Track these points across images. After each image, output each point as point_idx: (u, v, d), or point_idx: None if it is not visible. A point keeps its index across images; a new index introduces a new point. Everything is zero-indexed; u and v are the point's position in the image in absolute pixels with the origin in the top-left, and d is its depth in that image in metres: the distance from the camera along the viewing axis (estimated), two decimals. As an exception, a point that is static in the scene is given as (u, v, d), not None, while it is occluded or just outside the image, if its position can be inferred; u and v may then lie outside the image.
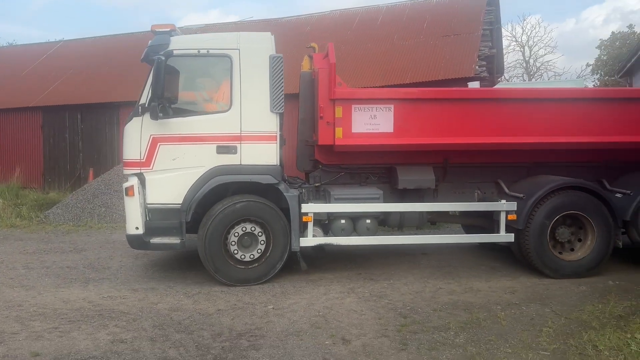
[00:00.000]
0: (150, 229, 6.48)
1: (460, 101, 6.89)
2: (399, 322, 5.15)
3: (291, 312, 5.51)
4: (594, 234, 6.69)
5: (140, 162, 6.47)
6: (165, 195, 6.51)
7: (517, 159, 7.24)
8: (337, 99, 6.55)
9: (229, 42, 6.60)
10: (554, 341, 4.56)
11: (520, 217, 6.66)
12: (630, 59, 19.27)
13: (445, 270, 7.18)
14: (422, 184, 6.97)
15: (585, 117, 6.78)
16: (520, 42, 37.32)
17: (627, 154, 7.18)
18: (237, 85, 6.49)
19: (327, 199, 6.93)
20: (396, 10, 17.40)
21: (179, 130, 6.47)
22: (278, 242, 6.53)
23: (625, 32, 30.48)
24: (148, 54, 6.53)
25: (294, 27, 18.05)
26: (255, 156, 6.55)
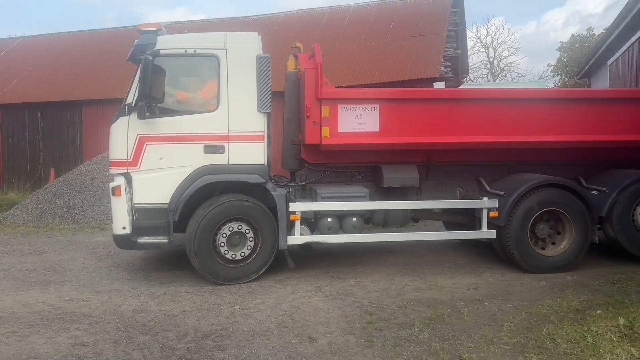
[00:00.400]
0: (138, 229, 6.47)
1: (442, 101, 7.06)
2: (365, 319, 5.19)
3: (258, 311, 5.49)
4: (572, 230, 6.89)
5: (127, 162, 6.45)
6: (152, 195, 6.48)
7: (497, 157, 7.41)
8: (323, 98, 6.61)
9: (216, 42, 6.61)
10: (515, 335, 4.68)
11: (501, 214, 6.83)
12: (589, 61, 19.88)
13: (411, 267, 7.28)
14: (407, 182, 7.10)
15: (563, 117, 7.01)
16: (485, 43, 38.13)
17: (602, 152, 7.43)
18: (225, 84, 6.51)
19: (314, 197, 7.01)
20: (363, 11, 17.55)
21: (166, 129, 6.47)
22: (266, 240, 6.57)
23: (585, 35, 31.43)
24: (134, 54, 6.51)
25: (261, 25, 17.95)
26: (243, 155, 6.58)
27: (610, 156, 7.48)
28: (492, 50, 38.17)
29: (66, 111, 16.06)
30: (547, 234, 7.01)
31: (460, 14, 16.53)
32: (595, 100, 7.25)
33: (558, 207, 6.88)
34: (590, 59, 19.64)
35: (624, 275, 6.61)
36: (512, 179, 7.24)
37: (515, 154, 7.37)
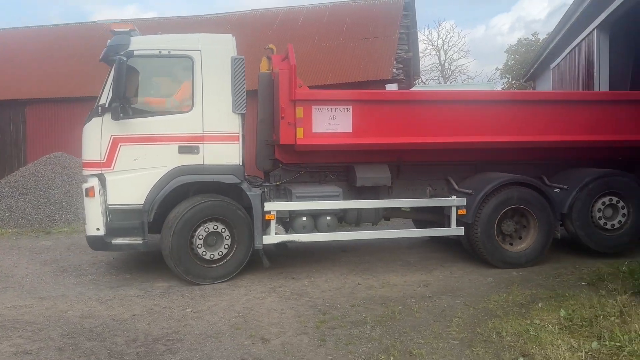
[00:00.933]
0: (112, 230, 6.46)
1: (412, 103, 7.26)
2: (318, 318, 5.23)
3: (210, 314, 5.44)
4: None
5: (100, 163, 6.44)
6: (126, 196, 6.48)
7: (465, 157, 7.66)
8: (298, 99, 6.70)
9: (190, 43, 6.65)
10: (463, 330, 4.82)
11: (469, 212, 7.05)
12: (534, 64, 20.69)
13: (364, 266, 7.37)
14: (379, 181, 7.24)
15: (525, 118, 7.29)
16: (436, 46, 39.03)
17: (563, 152, 7.77)
18: (199, 85, 6.55)
19: (289, 197, 7.09)
20: (317, 12, 17.62)
21: (140, 130, 6.47)
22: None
23: (530, 40, 32.63)
24: (107, 54, 6.49)
25: (214, 25, 17.76)
26: (218, 156, 6.63)
27: (571, 155, 7.83)
28: (443, 53, 39.12)
29: (9, 110, 15.36)
30: (513, 230, 7.26)
31: (412, 17, 16.87)
32: (555, 102, 7.61)
33: (523, 204, 7.14)
34: (534, 63, 20.45)
35: (565, 270, 6.91)
36: (479, 178, 7.47)
37: (481, 154, 7.62)
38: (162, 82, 7.05)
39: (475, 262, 7.44)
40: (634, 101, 7.64)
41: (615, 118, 7.46)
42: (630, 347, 4.07)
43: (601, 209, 7.45)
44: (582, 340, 4.33)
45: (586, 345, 4.22)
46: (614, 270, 6.50)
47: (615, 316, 4.81)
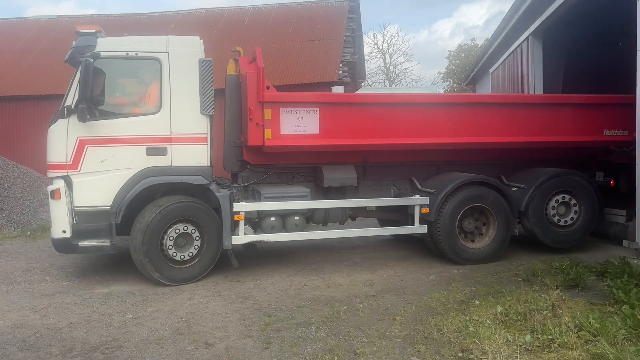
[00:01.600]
0: (78, 232, 6.40)
1: (377, 105, 7.44)
2: (264, 321, 5.20)
3: (152, 320, 5.30)
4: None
5: (66, 165, 6.37)
6: (93, 198, 6.44)
7: (428, 158, 7.91)
8: (266, 101, 6.79)
9: (158, 45, 6.65)
10: (406, 328, 4.92)
11: (432, 210, 7.28)
12: (474, 69, 21.42)
13: (311, 267, 7.40)
14: (346, 182, 7.43)
15: (484, 120, 7.63)
16: (381, 49, 39.72)
17: (520, 152, 8.15)
18: (167, 87, 6.57)
19: (257, 198, 7.14)
20: (263, 13, 17.56)
21: (107, 132, 6.44)
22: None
23: (470, 45, 33.81)
24: (73, 55, 6.44)
25: (157, 23, 17.38)
26: (186, 157, 6.65)
27: (527, 156, 8.22)
28: (388, 57, 39.87)
29: None
30: (474, 227, 7.54)
31: (357, 21, 17.11)
32: (510, 105, 7.98)
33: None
34: (474, 67, 21.17)
35: (502, 267, 7.18)
36: (441, 178, 7.74)
37: (443, 155, 7.91)
38: (130, 84, 7.00)
39: (419, 261, 7.63)
40: (581, 104, 8.10)
41: (564, 120, 7.90)
42: (561, 339, 4.28)
43: (555, 207, 7.86)
44: (517, 334, 4.51)
45: (520, 339, 4.40)
46: (547, 267, 6.83)
47: (548, 310, 5.05)
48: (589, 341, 4.26)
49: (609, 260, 6.68)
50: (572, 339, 4.26)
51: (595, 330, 4.36)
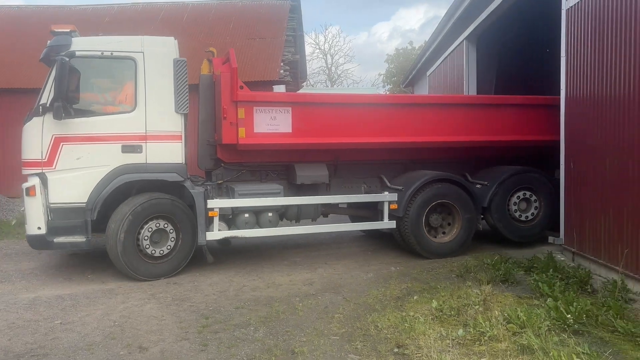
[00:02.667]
0: (54, 229, 6.47)
1: (347, 105, 7.73)
2: (201, 323, 5.10)
3: (82, 325, 5.08)
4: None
5: (41, 162, 6.46)
6: (69, 195, 6.52)
7: (396, 156, 8.23)
8: (239, 101, 6.97)
9: (133, 45, 6.77)
10: (344, 326, 4.97)
11: (400, 206, 7.54)
12: (412, 71, 21.95)
13: (251, 267, 7.33)
14: (318, 179, 7.66)
15: (449, 120, 7.96)
16: (323, 49, 39.99)
17: (483, 151, 8.49)
18: (142, 86, 6.72)
19: (231, 195, 7.30)
20: (202, 9, 17.23)
21: (83, 130, 6.54)
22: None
23: (408, 48, 34.63)
24: (48, 54, 6.57)
25: (90, 16, 16.70)
26: (161, 155, 6.79)
27: (490, 154, 8.56)
28: (330, 57, 40.18)
29: None
30: (440, 223, 7.84)
31: (298, 20, 17.12)
32: (474, 106, 8.34)
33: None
34: (413, 70, 21.69)
35: (437, 263, 7.39)
36: (409, 175, 8.01)
37: (411, 153, 8.24)
38: (105, 83, 7.09)
39: (358, 260, 7.73)
40: (539, 105, 8.52)
41: (524, 120, 8.29)
42: (491, 332, 4.45)
43: (517, 203, 8.28)
44: (450, 329, 4.66)
45: (453, 333, 4.55)
46: (479, 263, 7.10)
47: (479, 305, 5.24)
48: (516, 333, 4.46)
49: (535, 255, 7.02)
50: (501, 332, 4.45)
51: (522, 323, 4.56)
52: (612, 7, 6.05)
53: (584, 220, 6.73)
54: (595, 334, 4.44)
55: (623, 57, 5.81)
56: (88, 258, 8.03)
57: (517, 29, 11.80)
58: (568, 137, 7.24)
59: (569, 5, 7.12)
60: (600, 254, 6.29)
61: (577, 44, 6.92)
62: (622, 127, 5.83)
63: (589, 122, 6.58)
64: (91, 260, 7.90)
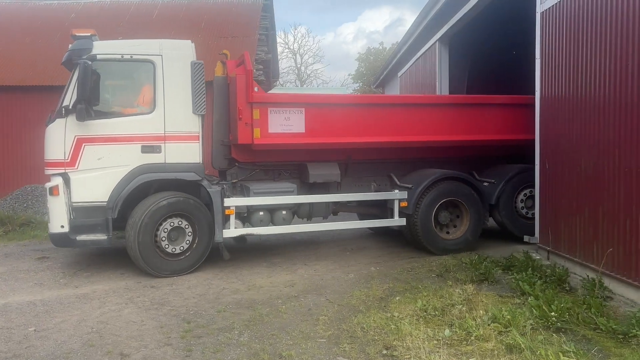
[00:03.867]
0: (76, 227, 6.64)
1: (359, 106, 8.01)
2: (183, 328, 4.97)
3: (58, 332, 4.89)
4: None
5: (64, 162, 6.65)
6: (90, 194, 6.70)
7: (405, 155, 8.40)
8: (255, 102, 7.15)
9: (152, 48, 6.94)
10: (329, 328, 4.92)
11: (410, 204, 7.75)
12: (383, 72, 22.08)
13: (229, 270, 7.21)
14: (330, 178, 7.87)
15: (457, 119, 8.12)
16: (292, 49, 39.89)
17: (490, 150, 8.60)
18: (161, 88, 6.89)
19: (246, 193, 7.47)
20: (172, 7, 16.91)
21: (104, 131, 6.73)
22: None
23: (378, 49, 34.87)
24: (71, 58, 6.76)
25: (55, 12, 16.20)
26: (179, 155, 6.99)
27: (497, 153, 8.69)
28: (299, 57, 40.12)
29: None
30: (449, 220, 8.04)
31: (270, 19, 16.97)
32: (482, 106, 8.43)
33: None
34: (384, 70, 21.82)
35: (416, 263, 7.43)
36: (418, 174, 8.18)
37: (420, 152, 8.39)
38: (125, 85, 7.30)
39: (337, 260, 7.70)
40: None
41: (531, 119, 8.15)
42: (477, 332, 4.47)
43: (523, 200, 8.48)
44: (436, 329, 4.67)
45: (440, 334, 4.56)
46: (457, 262, 7.18)
47: (462, 304, 5.28)
48: (502, 332, 4.50)
49: (513, 255, 7.12)
50: (487, 331, 4.48)
51: (507, 322, 4.61)
52: (587, 10, 6.18)
53: (559, 220, 6.87)
54: (578, 332, 4.52)
55: (598, 59, 5.94)
56: (58, 261, 7.77)
57: (489, 30, 11.98)
58: (543, 137, 7.38)
59: (544, 9, 7.26)
60: (575, 252, 6.42)
61: (552, 46, 7.05)
62: (597, 127, 5.97)
63: (564, 123, 6.72)
64: (62, 263, 7.65)
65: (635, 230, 5.25)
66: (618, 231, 5.53)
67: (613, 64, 5.66)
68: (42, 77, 13.06)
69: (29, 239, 9.63)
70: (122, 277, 6.88)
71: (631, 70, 5.35)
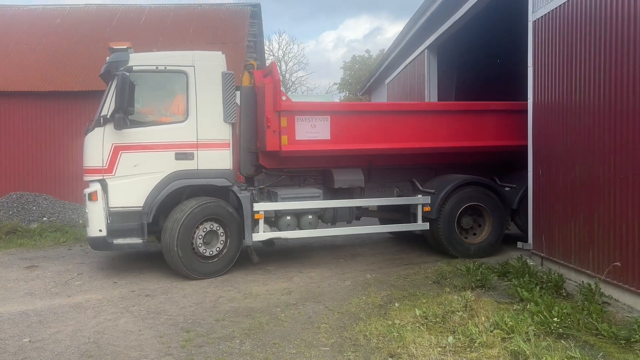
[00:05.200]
0: (113, 231, 6.89)
1: (382, 113, 8.18)
2: (182, 337, 4.89)
3: (54, 343, 4.77)
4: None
5: (102, 169, 6.93)
6: (127, 199, 6.96)
7: (427, 161, 8.61)
8: (282, 110, 7.40)
9: (185, 59, 7.25)
10: (331, 336, 4.88)
11: (433, 209, 7.95)
12: (370, 79, 22.18)
13: (223, 277, 7.13)
14: (354, 183, 8.07)
15: (478, 125, 8.26)
16: (277, 56, 39.87)
17: (510, 155, 8.63)
18: (193, 98, 7.19)
19: (273, 198, 7.72)
20: (160, 13, 16.80)
21: (139, 139, 7.01)
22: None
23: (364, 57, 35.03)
24: (109, 70, 7.09)
25: (39, 18, 16.00)
26: (211, 161, 7.27)
27: (517, 158, 8.59)
28: (284, 64, 40.12)
29: None
30: (471, 225, 8.20)
31: (259, 26, 16.97)
32: (503, 112, 8.54)
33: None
34: (371, 78, 21.93)
35: (411, 270, 7.43)
36: (440, 179, 8.38)
37: (442, 158, 8.57)
38: (159, 95, 7.48)
39: (332, 267, 7.68)
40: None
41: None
42: (480, 338, 4.47)
43: None
44: (439, 336, 4.66)
45: (443, 340, 4.54)
46: (453, 269, 7.18)
47: (462, 311, 5.27)
48: (505, 339, 4.51)
49: (508, 261, 7.17)
50: (490, 338, 4.49)
51: (510, 328, 4.62)
52: (578, 19, 6.28)
53: (553, 226, 6.93)
54: (580, 338, 4.54)
55: (592, 67, 6.03)
56: (48, 270, 7.62)
57: (476, 39, 12.13)
58: (536, 145, 7.46)
59: (536, 18, 7.36)
60: (570, 258, 6.48)
61: (544, 54, 7.15)
62: (591, 134, 6.05)
63: (558, 131, 6.80)
64: (52, 272, 7.50)
65: (632, 236, 5.32)
66: (614, 237, 5.60)
67: (607, 72, 5.75)
68: (20, 84, 12.83)
69: (16, 247, 9.43)
70: (115, 285, 6.76)
71: (626, 77, 5.44)
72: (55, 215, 11.58)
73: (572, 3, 6.43)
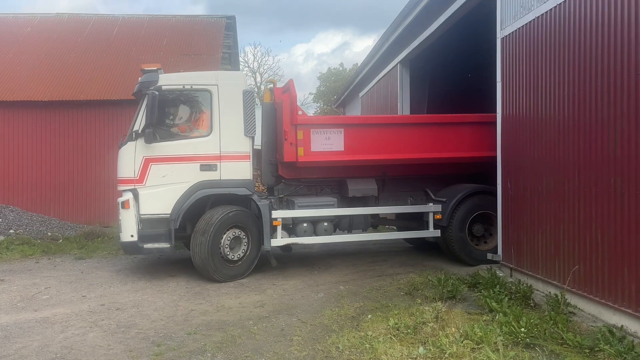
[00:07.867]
0: (143, 237, 7.49)
1: (392, 125, 8.67)
2: (153, 351, 4.83)
3: (20, 359, 4.66)
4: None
5: (134, 180, 7.57)
6: (156, 207, 7.56)
7: (439, 171, 8.98)
8: (298, 124, 8.00)
9: (209, 79, 7.95)
10: (304, 348, 4.88)
11: (444, 217, 8.40)
12: (344, 92, 22.37)
13: (196, 290, 7.08)
14: (368, 192, 8.57)
15: (488, 136, 8.26)
16: (252, 68, 39.92)
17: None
18: (217, 114, 7.81)
19: (291, 207, 8.26)
20: (133, 24, 16.73)
21: (167, 152, 7.64)
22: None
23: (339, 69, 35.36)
24: (140, 89, 7.77)
25: (9, 26, 15.73)
26: (233, 172, 7.85)
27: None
28: (259, 76, 40.18)
29: None
30: (482, 232, 8.55)
31: (234, 38, 17.03)
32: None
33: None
34: (345, 91, 22.11)
35: (384, 282, 7.48)
36: (451, 188, 8.78)
37: (453, 168, 8.92)
38: (186, 112, 7.99)
39: (305, 279, 7.69)
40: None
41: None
42: (451, 349, 4.53)
43: None
44: (410, 347, 4.70)
45: (414, 352, 4.59)
46: (424, 280, 7.25)
47: (433, 322, 5.33)
48: (474, 349, 4.58)
49: (478, 272, 7.28)
50: (460, 349, 4.55)
51: (479, 339, 4.70)
52: (544, 36, 6.49)
53: (521, 237, 7.09)
54: (546, 347, 4.64)
55: (556, 82, 6.23)
56: (14, 284, 7.44)
57: (447, 54, 12.38)
58: (504, 157, 7.63)
59: (504, 35, 7.57)
60: (538, 269, 6.63)
61: (512, 70, 7.35)
62: (556, 147, 6.23)
63: (525, 144, 6.98)
64: (18, 286, 7.32)
65: (594, 247, 5.48)
66: (579, 249, 5.76)
67: (570, 88, 5.95)
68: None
69: (-20, 261, 9.18)
70: (84, 299, 6.64)
71: (588, 94, 5.63)
72: (22, 227, 11.32)
73: (537, 22, 6.65)
